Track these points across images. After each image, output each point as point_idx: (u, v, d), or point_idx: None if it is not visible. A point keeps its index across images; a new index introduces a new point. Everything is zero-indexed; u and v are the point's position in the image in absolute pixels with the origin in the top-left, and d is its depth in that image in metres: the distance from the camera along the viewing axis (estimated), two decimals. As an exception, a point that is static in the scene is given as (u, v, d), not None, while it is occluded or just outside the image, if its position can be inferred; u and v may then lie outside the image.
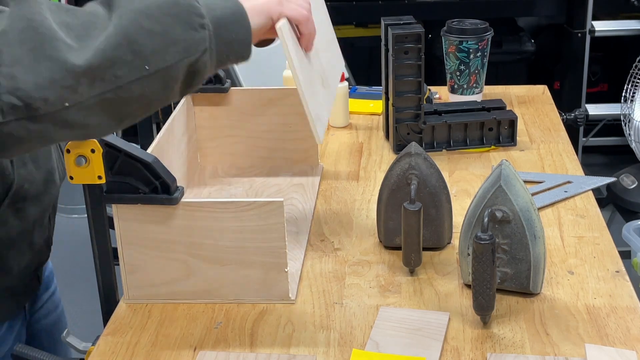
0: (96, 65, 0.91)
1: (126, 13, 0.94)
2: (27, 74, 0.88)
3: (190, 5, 0.98)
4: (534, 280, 1.19)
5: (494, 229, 1.18)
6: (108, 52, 0.92)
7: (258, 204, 1.16)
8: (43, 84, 0.89)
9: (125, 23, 0.94)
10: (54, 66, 0.89)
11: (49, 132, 0.93)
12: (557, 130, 1.80)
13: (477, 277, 1.11)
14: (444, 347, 1.12)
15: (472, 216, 1.20)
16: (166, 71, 0.97)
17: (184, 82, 1.00)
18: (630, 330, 1.14)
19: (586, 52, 3.42)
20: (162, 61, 0.96)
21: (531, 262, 1.18)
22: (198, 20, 0.98)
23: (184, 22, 0.97)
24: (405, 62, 1.65)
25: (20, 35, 0.89)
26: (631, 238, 2.12)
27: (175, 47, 0.97)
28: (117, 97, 0.94)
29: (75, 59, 0.90)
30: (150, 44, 0.95)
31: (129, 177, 1.15)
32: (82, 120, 0.93)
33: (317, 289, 1.26)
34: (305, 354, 1.12)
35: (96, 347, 1.15)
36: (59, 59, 0.89)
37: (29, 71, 0.88)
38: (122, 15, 0.94)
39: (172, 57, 0.97)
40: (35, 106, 0.89)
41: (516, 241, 1.18)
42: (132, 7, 0.95)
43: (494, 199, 1.17)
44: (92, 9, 0.96)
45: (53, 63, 0.89)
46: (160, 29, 0.96)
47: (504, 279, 1.20)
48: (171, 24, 0.97)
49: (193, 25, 0.98)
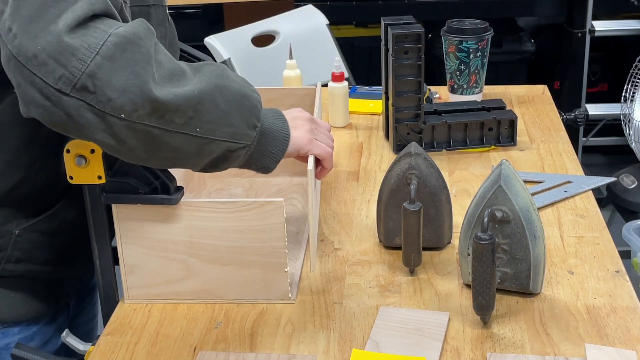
0: (164, 102, 1.02)
1: (207, 80, 1.08)
2: (112, 73, 0.99)
3: (255, 106, 1.13)
4: (534, 280, 1.19)
5: (494, 229, 1.18)
6: (178, 99, 1.04)
7: (258, 204, 1.16)
8: (117, 87, 1.00)
9: (203, 87, 1.07)
10: (135, 81, 1.00)
11: (93, 126, 1.02)
12: (557, 130, 1.80)
13: (477, 277, 1.11)
14: (444, 347, 1.12)
15: (472, 216, 1.20)
16: (209, 142, 1.08)
17: (213, 160, 1.11)
18: (630, 330, 1.14)
19: (586, 52, 3.42)
20: (212, 133, 1.08)
21: (531, 262, 1.18)
22: (254, 121, 1.12)
23: (244, 115, 1.11)
24: (405, 62, 1.64)
25: (125, 44, 1.01)
26: (631, 238, 2.12)
27: (227, 129, 1.09)
28: (161, 136, 1.05)
29: (152, 87, 1.01)
30: (212, 114, 1.07)
31: (128, 177, 1.15)
32: (123, 136, 1.03)
33: (317, 289, 1.26)
34: (305, 354, 1.12)
35: (96, 347, 1.15)
36: (141, 79, 1.01)
37: (114, 71, 0.99)
38: (203, 81, 1.07)
39: (220, 135, 1.09)
40: (100, 99, 1.00)
41: (516, 241, 1.18)
42: (214, 80, 1.08)
43: (494, 198, 1.17)
44: (183, 66, 1.08)
45: (135, 78, 1.00)
46: (225, 108, 1.09)
47: (504, 279, 1.20)
48: (235, 110, 1.10)
49: (249, 122, 1.12)
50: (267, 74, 1.74)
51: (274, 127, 1.17)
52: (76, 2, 0.99)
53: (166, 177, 1.15)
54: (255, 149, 1.14)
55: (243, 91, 1.12)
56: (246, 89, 1.13)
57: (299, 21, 2.68)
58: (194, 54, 1.52)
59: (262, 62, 2.49)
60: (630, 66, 2.80)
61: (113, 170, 1.15)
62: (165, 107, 1.03)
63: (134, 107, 1.01)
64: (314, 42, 2.60)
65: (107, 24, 1.01)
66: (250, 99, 1.12)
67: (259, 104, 1.14)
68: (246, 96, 1.12)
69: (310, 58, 2.37)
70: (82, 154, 1.13)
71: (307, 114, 1.26)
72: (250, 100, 1.12)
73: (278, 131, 1.18)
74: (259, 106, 1.14)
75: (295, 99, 1.56)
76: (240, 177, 1.58)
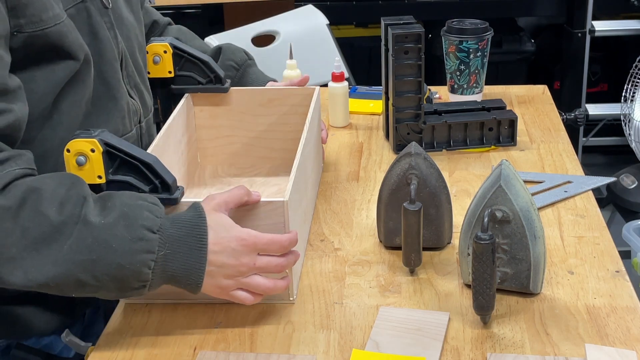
0: (19, 285, 1.05)
1: (69, 258, 1.04)
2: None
3: (139, 272, 1.06)
4: (534, 280, 1.19)
5: (494, 229, 1.18)
6: (33, 284, 1.05)
7: (258, 204, 1.16)
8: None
9: (61, 270, 1.04)
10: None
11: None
12: (557, 130, 1.80)
13: (477, 277, 1.11)
14: (444, 347, 1.12)
15: (472, 216, 1.20)
16: (92, 295, 1.10)
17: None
18: (630, 330, 1.14)
19: (586, 52, 3.41)
20: (92, 294, 1.09)
21: (531, 262, 1.18)
22: (140, 282, 1.07)
23: (123, 282, 1.07)
24: (405, 62, 1.64)
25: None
26: (631, 238, 2.12)
27: (106, 293, 1.09)
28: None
29: (2, 272, 1.04)
30: (80, 290, 1.07)
31: (128, 176, 1.15)
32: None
33: (317, 289, 1.26)
34: (305, 354, 1.12)
35: (96, 347, 1.15)
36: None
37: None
38: (66, 259, 1.04)
39: (102, 295, 1.10)
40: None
41: (516, 241, 1.18)
42: (78, 256, 1.05)
43: (494, 199, 1.17)
44: (54, 224, 1.04)
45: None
46: (95, 283, 1.06)
47: (504, 279, 1.20)
48: (110, 281, 1.06)
49: (133, 285, 1.07)
50: (267, 74, 1.75)
51: (180, 273, 1.09)
52: None
53: (166, 176, 1.15)
54: (167, 283, 1.10)
55: (117, 262, 1.04)
56: (123, 256, 1.05)
57: (299, 21, 2.68)
58: (194, 54, 1.51)
59: (262, 62, 2.47)
60: (630, 66, 2.79)
61: (113, 169, 1.15)
62: (21, 287, 1.04)
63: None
64: (314, 42, 2.60)
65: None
66: (128, 267, 1.05)
67: (143, 266, 1.05)
68: (120, 267, 1.05)
69: (310, 58, 2.37)
70: (82, 154, 1.12)
71: (244, 241, 1.11)
72: (126, 269, 1.05)
73: (187, 276, 1.10)
74: (144, 267, 1.06)
75: (296, 99, 1.56)
76: (240, 177, 1.58)
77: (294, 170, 1.25)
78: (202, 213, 1.10)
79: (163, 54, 1.50)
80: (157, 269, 1.07)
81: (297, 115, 1.55)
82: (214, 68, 1.53)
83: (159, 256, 1.06)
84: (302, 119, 1.46)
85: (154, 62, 1.50)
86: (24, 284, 1.04)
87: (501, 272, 1.19)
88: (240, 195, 1.14)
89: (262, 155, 1.61)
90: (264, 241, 1.12)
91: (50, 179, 1.08)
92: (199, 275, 1.09)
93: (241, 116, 1.58)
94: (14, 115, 1.10)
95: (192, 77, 1.53)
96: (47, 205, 1.04)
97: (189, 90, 1.54)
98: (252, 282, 1.13)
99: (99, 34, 1.28)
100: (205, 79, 1.54)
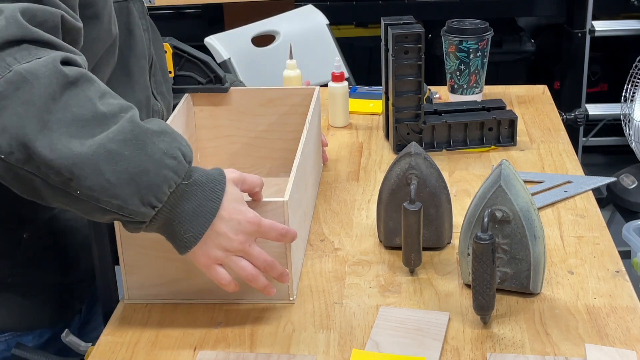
0: (38, 154, 0.97)
1: (104, 141, 1.00)
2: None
3: (157, 185, 1.02)
4: (533, 280, 1.19)
5: (494, 229, 1.17)
6: (54, 156, 0.98)
7: (259, 203, 1.16)
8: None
9: (91, 150, 0.99)
10: (16, 122, 0.97)
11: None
12: (557, 130, 1.80)
13: (477, 277, 1.11)
14: (444, 347, 1.12)
15: (472, 216, 1.20)
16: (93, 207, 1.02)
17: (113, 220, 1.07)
18: (630, 330, 1.14)
19: (586, 52, 3.42)
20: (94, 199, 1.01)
21: (531, 262, 1.18)
22: (151, 200, 1.03)
23: (136, 191, 1.02)
24: (405, 62, 1.65)
25: (19, 82, 0.97)
26: (631, 238, 2.12)
27: (112, 200, 1.02)
28: (43, 187, 1.01)
29: (30, 133, 0.97)
30: (92, 181, 1.00)
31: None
32: (6, 177, 1.01)
33: (317, 289, 1.26)
34: (305, 354, 1.12)
35: (96, 347, 1.15)
36: (22, 122, 0.97)
37: (0, 109, 0.97)
38: (101, 140, 1.00)
39: (104, 204, 1.02)
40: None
41: (516, 241, 1.18)
42: (113, 144, 1.00)
43: (494, 199, 1.17)
44: (102, 113, 1.01)
45: (18, 120, 0.97)
46: (111, 178, 1.00)
47: (504, 279, 1.20)
48: (125, 182, 1.01)
49: (144, 200, 1.03)
50: (267, 74, 1.75)
51: (185, 219, 1.06)
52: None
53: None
54: (163, 229, 1.07)
55: (144, 166, 1.01)
56: (153, 163, 1.02)
57: (299, 21, 2.68)
58: (194, 54, 1.51)
59: (262, 62, 2.49)
60: (630, 66, 2.80)
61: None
62: (40, 159, 0.98)
63: (9, 150, 0.97)
64: (314, 42, 2.60)
65: (20, 55, 0.98)
66: (152, 175, 1.02)
67: (164, 183, 1.03)
68: (146, 171, 1.01)
69: (310, 58, 2.37)
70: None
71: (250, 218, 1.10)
72: (150, 176, 1.02)
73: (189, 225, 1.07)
74: (165, 186, 1.03)
75: (296, 99, 1.56)
76: (240, 177, 1.58)
77: (294, 170, 1.25)
78: (224, 175, 1.10)
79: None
80: (171, 198, 1.04)
81: (297, 115, 1.55)
82: (214, 68, 1.53)
83: (180, 185, 1.04)
84: (302, 119, 1.46)
85: (154, 62, 1.51)
86: (46, 157, 0.97)
87: (501, 272, 1.19)
88: (254, 183, 1.15)
89: (262, 155, 1.61)
90: (267, 224, 1.11)
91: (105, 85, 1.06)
92: (200, 229, 1.07)
93: (241, 116, 1.58)
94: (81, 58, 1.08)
95: (192, 77, 1.54)
96: (95, 96, 1.02)
97: (189, 90, 1.54)
98: (239, 263, 1.11)
99: (135, 33, 1.32)
100: (205, 78, 1.54)
